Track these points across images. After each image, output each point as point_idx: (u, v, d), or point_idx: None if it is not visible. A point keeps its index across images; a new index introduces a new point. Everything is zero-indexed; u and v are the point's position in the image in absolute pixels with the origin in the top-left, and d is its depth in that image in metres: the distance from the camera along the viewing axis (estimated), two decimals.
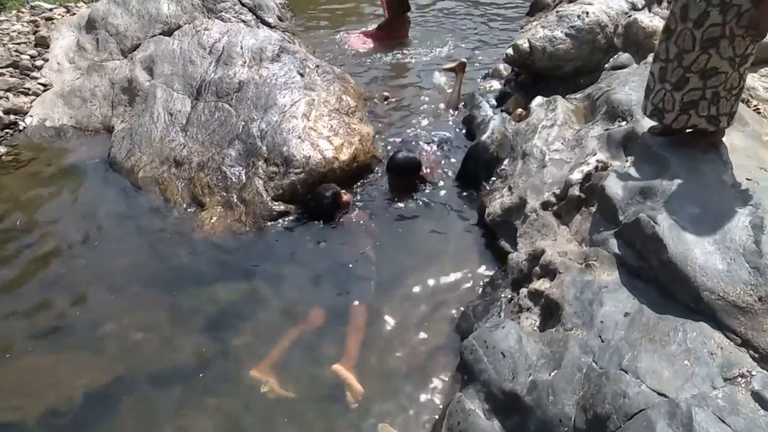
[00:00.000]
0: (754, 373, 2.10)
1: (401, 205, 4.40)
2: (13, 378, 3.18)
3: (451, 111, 5.60)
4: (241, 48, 5.40)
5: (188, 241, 4.11)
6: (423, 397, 3.01)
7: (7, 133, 5.35)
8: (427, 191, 4.54)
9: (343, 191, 4.25)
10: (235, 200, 4.30)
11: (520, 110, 4.89)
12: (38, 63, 6.15)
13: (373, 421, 2.89)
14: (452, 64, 5.88)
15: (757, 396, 2.02)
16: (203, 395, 3.07)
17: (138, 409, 3.02)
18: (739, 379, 2.10)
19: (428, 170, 4.69)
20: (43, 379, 3.16)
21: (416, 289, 3.65)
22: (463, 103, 5.60)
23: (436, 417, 2.87)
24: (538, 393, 2.43)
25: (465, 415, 2.60)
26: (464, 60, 5.92)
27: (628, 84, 4.08)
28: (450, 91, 5.80)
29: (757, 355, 2.19)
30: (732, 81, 2.85)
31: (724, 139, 3.11)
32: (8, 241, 4.20)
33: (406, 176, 4.50)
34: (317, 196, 4.19)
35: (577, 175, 3.47)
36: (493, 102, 5.34)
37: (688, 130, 3.10)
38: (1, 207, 4.50)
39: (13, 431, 2.90)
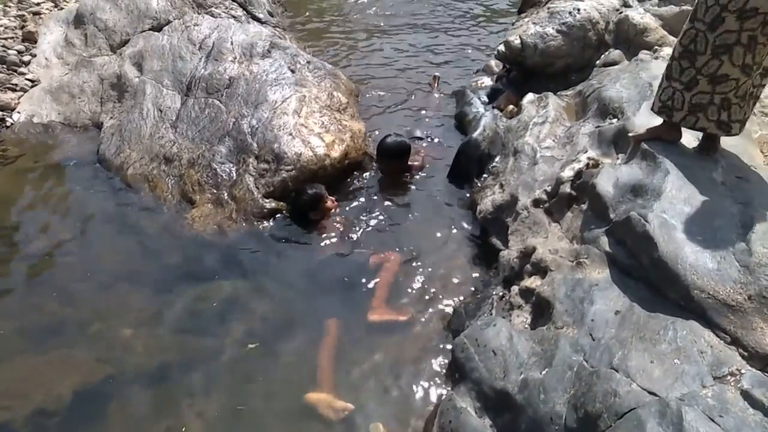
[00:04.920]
0: (743, 371, 2.11)
1: (392, 201, 4.39)
2: (1, 378, 3.15)
3: (436, 100, 5.78)
4: (231, 44, 5.36)
5: (178, 238, 4.08)
6: (414, 396, 3.01)
7: None
8: (417, 186, 4.53)
9: (330, 198, 4.19)
10: (226, 197, 4.27)
11: (511, 107, 4.88)
12: (26, 58, 6.06)
13: (364, 420, 2.89)
14: (429, 80, 6.10)
15: (746, 395, 2.02)
16: (192, 395, 3.06)
17: (127, 409, 3.01)
18: (729, 377, 2.10)
19: (417, 161, 4.71)
20: (31, 378, 3.14)
21: (407, 286, 3.64)
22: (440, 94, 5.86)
23: (428, 416, 2.87)
24: (529, 391, 2.43)
25: (456, 414, 2.61)
26: (437, 74, 6.09)
27: (619, 81, 4.08)
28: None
29: (746, 354, 2.19)
30: (745, 88, 2.72)
31: None
32: None
33: (396, 159, 4.53)
34: (298, 192, 4.16)
35: (568, 173, 3.47)
36: (485, 98, 5.34)
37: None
38: None
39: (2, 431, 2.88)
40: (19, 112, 5.48)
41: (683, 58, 2.80)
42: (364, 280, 3.66)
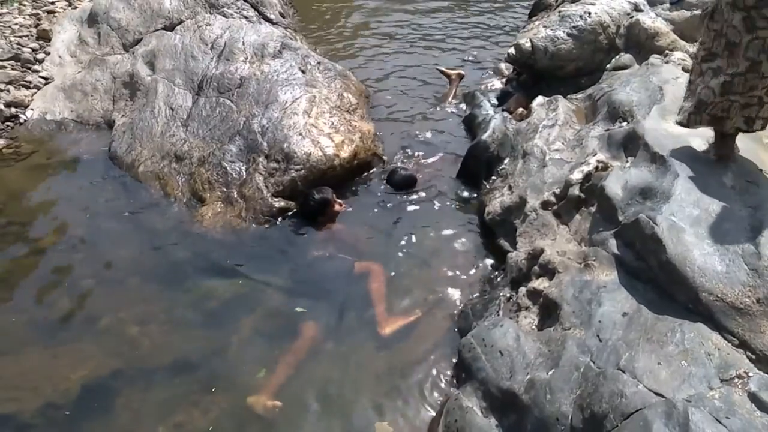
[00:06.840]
0: (750, 374, 2.11)
1: (400, 202, 4.40)
2: (11, 371, 3.17)
3: (447, 108, 5.68)
4: (243, 44, 5.40)
5: (188, 236, 4.10)
6: (420, 395, 3.01)
7: (7, 125, 5.34)
8: (425, 187, 4.54)
9: (338, 201, 4.21)
10: (235, 196, 4.30)
11: (521, 109, 4.90)
12: (40, 56, 6.13)
13: (370, 419, 2.90)
14: (451, 72, 5.98)
15: (753, 397, 2.02)
16: (200, 390, 3.07)
17: (134, 404, 3.02)
18: (736, 380, 2.10)
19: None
20: (40, 372, 3.16)
21: (415, 286, 3.65)
22: (456, 101, 5.74)
23: (434, 415, 2.87)
24: (535, 391, 2.44)
25: (462, 413, 2.61)
26: (463, 72, 6.02)
27: (630, 85, 4.08)
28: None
29: (754, 357, 2.19)
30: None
31: None
32: (7, 234, 4.19)
33: (403, 191, 4.53)
34: (306, 197, 4.17)
35: (577, 175, 3.47)
36: (494, 101, 5.36)
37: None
38: (0, 199, 4.50)
39: (11, 424, 2.90)
40: (32, 109, 5.55)
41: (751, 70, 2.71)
42: (364, 283, 3.65)
